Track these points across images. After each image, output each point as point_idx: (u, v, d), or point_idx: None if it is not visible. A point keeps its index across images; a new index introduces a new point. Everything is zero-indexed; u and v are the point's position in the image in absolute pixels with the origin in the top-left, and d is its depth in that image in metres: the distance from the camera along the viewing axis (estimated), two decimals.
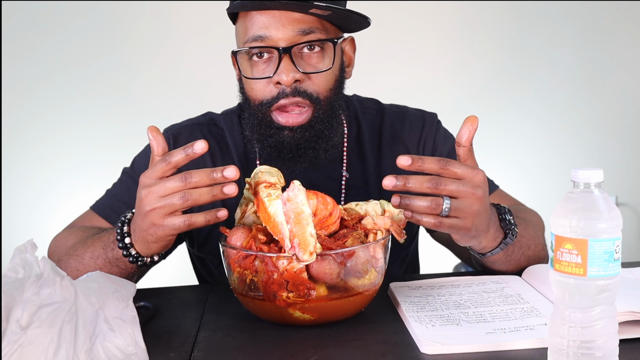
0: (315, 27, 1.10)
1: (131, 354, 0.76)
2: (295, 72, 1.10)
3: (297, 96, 1.11)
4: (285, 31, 1.09)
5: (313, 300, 0.88)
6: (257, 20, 1.10)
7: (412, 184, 0.89)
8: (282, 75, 1.09)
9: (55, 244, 1.20)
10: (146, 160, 1.27)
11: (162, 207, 0.90)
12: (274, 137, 1.14)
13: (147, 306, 1.01)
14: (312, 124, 1.14)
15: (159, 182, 0.90)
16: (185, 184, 0.89)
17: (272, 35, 1.09)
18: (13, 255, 0.74)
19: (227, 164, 1.26)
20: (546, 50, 2.70)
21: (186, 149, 0.90)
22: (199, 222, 0.92)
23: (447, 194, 0.90)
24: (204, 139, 1.24)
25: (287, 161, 1.16)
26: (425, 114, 1.34)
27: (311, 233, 0.85)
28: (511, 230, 1.02)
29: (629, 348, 0.81)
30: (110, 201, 1.25)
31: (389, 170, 1.29)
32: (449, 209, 0.89)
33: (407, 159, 0.88)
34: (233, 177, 0.88)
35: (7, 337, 0.68)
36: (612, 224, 0.71)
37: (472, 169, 0.91)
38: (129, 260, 0.99)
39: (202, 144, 0.89)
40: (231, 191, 0.89)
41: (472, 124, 0.93)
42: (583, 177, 0.72)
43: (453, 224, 0.91)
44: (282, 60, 1.09)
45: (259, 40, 1.10)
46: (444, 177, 0.90)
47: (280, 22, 1.09)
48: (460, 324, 0.90)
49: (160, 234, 0.93)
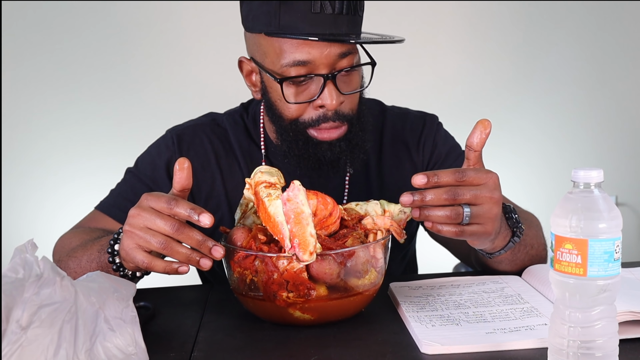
0: (351, 47, 1.11)
1: (131, 354, 0.76)
2: (339, 96, 1.11)
3: (337, 120, 1.13)
4: (328, 55, 1.08)
5: (313, 300, 0.88)
6: (297, 43, 1.08)
7: (430, 198, 0.88)
8: (327, 100, 1.10)
9: (60, 243, 1.21)
10: (150, 160, 1.28)
11: (139, 237, 0.89)
12: (314, 151, 1.15)
13: (147, 306, 1.01)
14: (348, 137, 1.15)
15: (153, 213, 0.88)
16: (173, 232, 0.87)
17: (314, 59, 1.08)
18: (13, 255, 0.74)
19: (231, 162, 1.27)
20: (546, 51, 2.70)
21: (192, 214, 0.87)
22: (157, 268, 0.90)
23: (466, 203, 0.89)
24: (209, 141, 1.26)
25: (326, 172, 1.19)
26: (426, 115, 1.35)
27: (311, 233, 0.86)
28: (518, 228, 1.02)
29: (629, 348, 0.81)
30: (116, 200, 1.25)
31: (389, 168, 1.30)
32: (469, 216, 0.89)
33: (422, 177, 0.87)
34: (218, 257, 0.88)
35: (7, 337, 0.68)
36: (612, 224, 0.71)
37: (486, 173, 0.91)
38: (113, 268, 0.97)
39: (209, 220, 0.86)
40: (206, 265, 0.88)
41: (485, 127, 0.93)
42: (583, 177, 0.72)
43: (474, 230, 0.90)
44: (327, 85, 1.09)
45: (302, 65, 1.08)
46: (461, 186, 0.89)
47: (321, 45, 1.07)
48: (460, 324, 0.90)
49: (125, 256, 0.92)
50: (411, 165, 1.31)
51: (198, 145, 1.27)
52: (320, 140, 1.14)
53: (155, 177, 1.25)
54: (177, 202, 0.88)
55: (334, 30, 1.07)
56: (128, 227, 0.90)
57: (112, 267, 0.97)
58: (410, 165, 1.31)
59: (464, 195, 0.88)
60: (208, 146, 1.27)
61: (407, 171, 1.30)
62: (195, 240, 0.88)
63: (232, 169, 1.27)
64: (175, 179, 0.91)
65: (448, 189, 0.88)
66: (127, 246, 0.90)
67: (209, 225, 0.86)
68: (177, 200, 0.88)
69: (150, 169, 1.26)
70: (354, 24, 1.10)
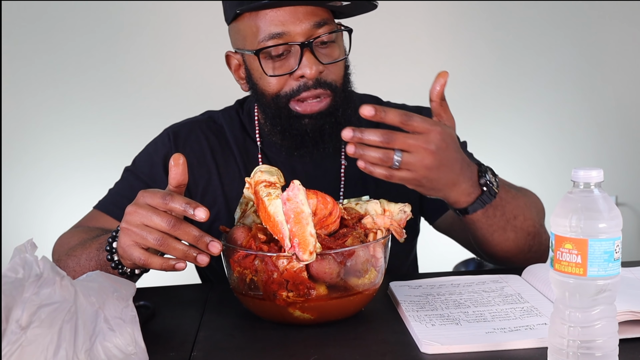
0: (327, 17, 1.13)
1: (131, 353, 0.76)
2: (319, 65, 1.11)
3: (319, 88, 1.13)
4: (302, 25, 1.10)
5: (313, 299, 0.88)
6: (271, 17, 1.10)
7: (367, 135, 0.90)
8: (306, 69, 1.10)
9: (59, 243, 1.21)
10: (147, 158, 1.28)
11: (135, 234, 0.89)
12: (295, 126, 1.15)
13: (147, 306, 1.01)
14: (331, 110, 1.15)
15: (149, 210, 0.88)
16: (169, 228, 0.87)
17: (289, 30, 1.10)
18: (13, 255, 0.74)
19: (228, 158, 1.27)
20: (546, 50, 2.70)
21: (188, 208, 0.87)
22: (154, 265, 0.90)
23: (398, 148, 0.91)
24: (205, 137, 1.26)
25: (310, 148, 1.17)
26: (422, 108, 1.35)
27: (311, 232, 0.85)
28: (489, 188, 1.02)
29: (629, 348, 0.81)
30: (114, 198, 1.26)
31: None
32: (399, 162, 0.91)
33: (370, 109, 0.90)
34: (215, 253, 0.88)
35: (7, 337, 0.68)
36: (612, 223, 0.71)
37: (431, 124, 0.93)
38: (111, 266, 0.97)
39: (204, 214, 0.86)
40: (203, 261, 0.88)
41: (442, 77, 0.96)
42: (583, 177, 0.72)
43: (403, 176, 0.93)
44: (304, 54, 1.10)
45: (277, 37, 1.10)
46: (401, 131, 0.91)
47: (295, 17, 1.10)
48: (460, 324, 0.90)
49: (122, 254, 0.92)
50: None
51: (194, 141, 1.27)
52: (302, 113, 1.14)
53: (152, 174, 1.26)
54: (172, 197, 0.88)
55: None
56: (125, 224, 0.90)
57: (110, 265, 0.97)
58: None
59: (397, 140, 0.91)
60: (204, 142, 1.27)
61: None
62: (192, 236, 0.88)
63: (228, 164, 1.27)
64: (171, 175, 0.92)
65: (385, 131, 0.91)
66: (124, 243, 0.90)
67: (204, 219, 0.87)
68: (173, 196, 0.88)
69: (148, 166, 1.26)
70: None
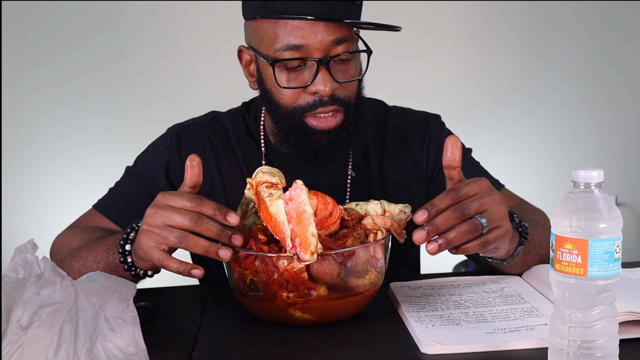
0: (347, 35, 1.10)
1: (131, 354, 0.76)
2: (333, 83, 1.10)
3: (334, 104, 1.12)
4: (322, 40, 1.07)
5: (313, 300, 0.88)
6: (291, 27, 1.07)
7: (441, 223, 0.86)
8: (320, 86, 1.09)
9: (58, 243, 1.20)
10: (149, 160, 1.27)
11: (157, 234, 0.90)
12: (310, 141, 1.14)
13: (147, 306, 1.01)
14: (344, 125, 1.15)
15: (170, 209, 0.89)
16: (192, 225, 0.88)
17: (308, 44, 1.07)
18: (13, 255, 0.74)
19: (231, 161, 1.26)
20: (546, 50, 2.70)
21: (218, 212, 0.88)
22: (171, 267, 0.91)
23: (475, 213, 0.88)
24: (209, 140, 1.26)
25: (321, 162, 1.17)
26: (429, 115, 1.34)
27: (313, 233, 0.85)
28: (522, 228, 1.02)
29: (629, 348, 0.81)
30: (113, 200, 1.25)
31: (392, 170, 1.29)
32: (487, 223, 0.88)
33: (422, 213, 0.86)
34: (238, 244, 0.89)
35: (8, 337, 0.68)
36: (612, 224, 0.71)
37: (475, 181, 0.90)
38: (124, 268, 0.98)
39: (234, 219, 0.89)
40: (226, 256, 0.88)
41: (455, 143, 0.92)
42: (583, 177, 0.72)
43: (497, 235, 0.89)
44: (320, 70, 1.08)
45: (295, 49, 1.08)
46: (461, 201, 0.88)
47: (316, 30, 1.07)
48: (460, 324, 0.90)
49: (142, 255, 0.93)
50: (414, 168, 1.29)
51: (197, 144, 1.26)
52: (318, 129, 1.13)
53: (153, 177, 1.25)
54: (202, 200, 0.90)
55: (328, 14, 1.06)
56: (146, 226, 0.90)
57: (123, 267, 0.98)
58: (413, 167, 1.29)
59: (469, 206, 0.87)
60: (207, 145, 1.26)
61: (409, 174, 1.29)
62: (215, 230, 0.88)
63: (231, 168, 1.26)
64: (187, 176, 0.93)
65: (454, 207, 0.87)
66: (146, 245, 0.91)
67: (235, 224, 0.88)
68: (202, 199, 0.90)
69: (149, 170, 1.25)
70: (350, 10, 1.09)
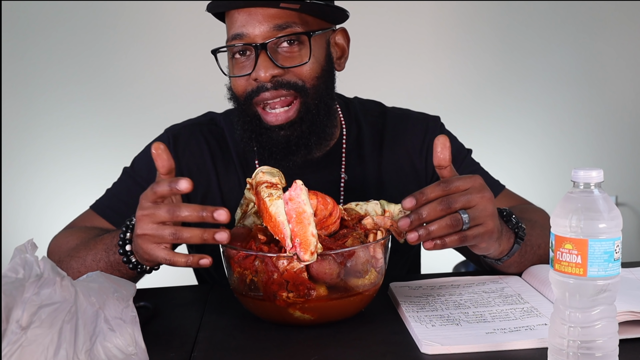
0: (292, 21, 1.11)
1: (131, 354, 0.76)
2: (274, 68, 1.10)
3: (280, 89, 1.12)
4: (262, 28, 1.10)
5: (313, 300, 0.88)
6: (235, 19, 1.12)
7: (426, 213, 0.87)
8: (259, 72, 1.10)
9: (55, 243, 1.20)
10: (146, 161, 1.27)
11: (152, 236, 0.89)
12: (265, 137, 1.14)
13: (147, 306, 1.01)
14: (301, 116, 1.14)
15: (152, 208, 0.89)
16: (172, 217, 0.88)
17: (249, 32, 1.11)
18: (13, 255, 0.74)
19: (228, 163, 1.26)
20: (545, 50, 2.70)
21: (171, 184, 0.87)
22: (179, 262, 0.90)
23: (461, 208, 0.88)
24: (206, 141, 1.25)
25: (280, 160, 1.15)
26: (428, 117, 1.32)
27: (312, 233, 0.85)
28: (519, 229, 1.01)
29: (629, 348, 0.81)
30: (110, 201, 1.25)
31: (389, 173, 1.28)
32: (468, 219, 0.88)
33: (411, 200, 0.87)
34: (223, 220, 0.86)
35: (7, 337, 0.68)
36: (612, 224, 0.71)
37: (469, 177, 0.91)
38: (129, 267, 0.99)
39: (186, 184, 0.86)
40: (223, 238, 0.86)
41: (444, 143, 0.92)
42: (583, 177, 0.72)
43: (477, 232, 0.90)
44: (259, 56, 1.10)
45: (238, 38, 1.12)
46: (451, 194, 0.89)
47: (256, 19, 1.11)
48: (460, 324, 0.90)
49: (146, 257, 0.93)
50: (412, 172, 1.28)
51: (194, 146, 1.26)
52: (270, 124, 1.13)
53: (150, 179, 1.23)
54: (156, 184, 0.89)
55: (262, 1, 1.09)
56: (139, 231, 0.90)
57: (128, 266, 0.99)
58: (411, 171, 1.28)
59: (456, 201, 0.88)
60: (204, 147, 1.26)
61: (407, 177, 1.27)
62: (194, 212, 0.87)
63: (228, 171, 1.26)
64: (158, 164, 0.92)
65: (441, 199, 0.88)
66: (147, 248, 0.91)
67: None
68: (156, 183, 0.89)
69: (146, 171, 1.25)
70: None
